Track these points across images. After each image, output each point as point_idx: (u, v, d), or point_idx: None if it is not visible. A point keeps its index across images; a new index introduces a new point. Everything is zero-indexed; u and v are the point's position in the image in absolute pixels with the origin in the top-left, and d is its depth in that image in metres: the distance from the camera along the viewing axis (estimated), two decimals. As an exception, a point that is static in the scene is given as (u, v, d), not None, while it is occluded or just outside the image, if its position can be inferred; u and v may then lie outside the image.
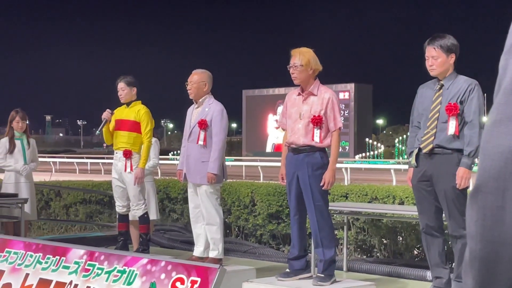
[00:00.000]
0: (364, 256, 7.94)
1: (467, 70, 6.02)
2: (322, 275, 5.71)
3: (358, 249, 8.04)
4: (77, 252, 4.83)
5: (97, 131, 7.38)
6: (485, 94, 6.16)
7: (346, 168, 27.45)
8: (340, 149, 6.07)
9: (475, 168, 5.16)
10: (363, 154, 55.90)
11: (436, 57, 5.45)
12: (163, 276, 4.26)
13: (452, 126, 5.38)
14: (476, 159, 5.41)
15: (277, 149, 58.90)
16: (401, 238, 7.79)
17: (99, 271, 4.60)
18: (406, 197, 7.62)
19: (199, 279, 4.08)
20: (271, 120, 60.35)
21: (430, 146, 5.45)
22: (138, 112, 7.35)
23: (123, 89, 7.42)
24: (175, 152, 62.48)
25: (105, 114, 7.39)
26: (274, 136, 60.58)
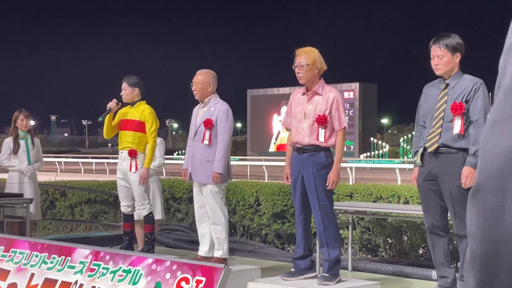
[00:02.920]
0: (369, 256, 7.94)
1: (473, 70, 6.00)
2: (327, 275, 5.71)
3: (363, 249, 8.04)
4: (82, 252, 4.84)
5: (100, 118, 7.38)
6: (490, 93, 6.14)
7: (351, 168, 27.44)
8: (345, 149, 6.07)
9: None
10: (368, 154, 55.81)
11: (442, 56, 5.44)
12: (168, 275, 4.27)
13: (457, 125, 5.37)
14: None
15: (279, 148, 58.83)
16: (406, 238, 7.78)
17: (104, 271, 4.61)
18: (411, 197, 7.62)
19: (204, 279, 4.09)
20: (276, 120, 60.30)
21: (435, 145, 5.45)
22: (142, 112, 7.36)
23: (125, 89, 7.44)
24: (180, 151, 62.48)
25: (111, 104, 7.40)
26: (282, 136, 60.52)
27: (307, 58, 5.77)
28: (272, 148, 61.61)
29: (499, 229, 0.92)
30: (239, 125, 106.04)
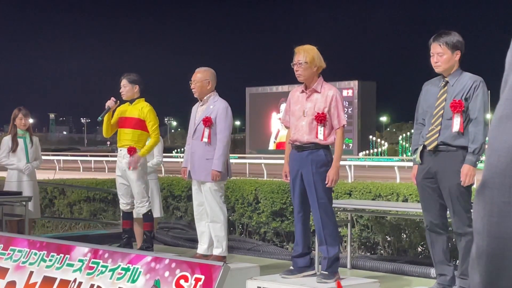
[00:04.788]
0: (368, 254, 7.94)
1: (472, 67, 6.00)
2: (326, 273, 5.71)
3: (362, 247, 8.04)
4: (81, 250, 4.83)
5: (99, 117, 7.38)
6: (489, 91, 6.14)
7: (349, 166, 27.45)
8: (344, 147, 6.06)
9: (480, 165, 5.12)
10: (367, 152, 55.89)
11: (441, 54, 5.43)
12: (167, 273, 4.26)
13: (456, 123, 5.37)
14: (480, 156, 5.40)
15: (278, 146, 58.84)
16: (405, 236, 7.79)
17: (103, 269, 4.61)
18: (410, 194, 7.62)
19: (203, 277, 4.08)
20: (275, 118, 60.33)
21: (435, 143, 5.44)
22: (142, 109, 7.35)
23: (125, 86, 7.43)
24: (178, 150, 62.49)
25: (109, 102, 7.39)
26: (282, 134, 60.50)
27: (305, 56, 5.76)
28: (271, 147, 61.63)
29: (506, 225, 0.91)
30: (238, 123, 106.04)
